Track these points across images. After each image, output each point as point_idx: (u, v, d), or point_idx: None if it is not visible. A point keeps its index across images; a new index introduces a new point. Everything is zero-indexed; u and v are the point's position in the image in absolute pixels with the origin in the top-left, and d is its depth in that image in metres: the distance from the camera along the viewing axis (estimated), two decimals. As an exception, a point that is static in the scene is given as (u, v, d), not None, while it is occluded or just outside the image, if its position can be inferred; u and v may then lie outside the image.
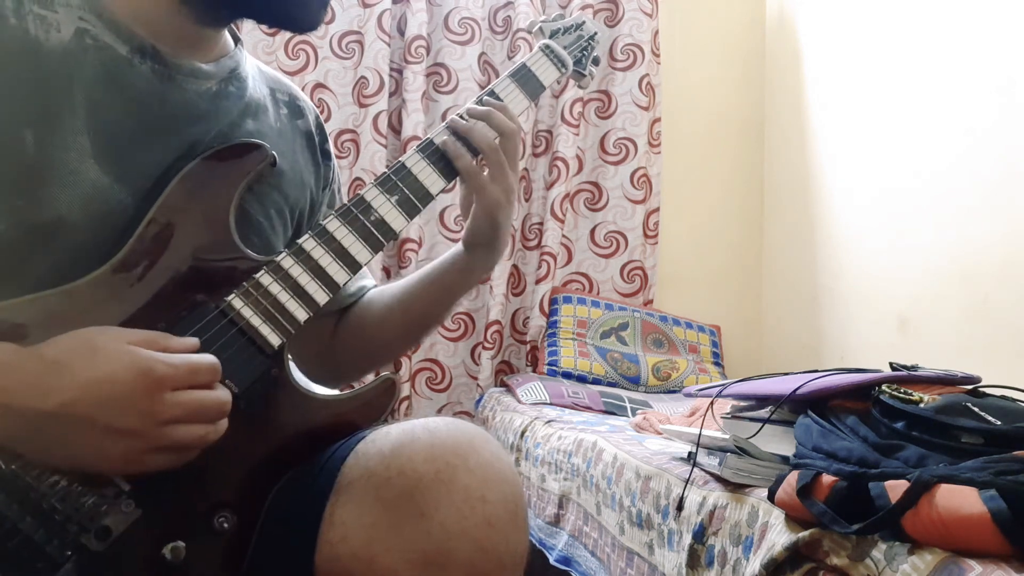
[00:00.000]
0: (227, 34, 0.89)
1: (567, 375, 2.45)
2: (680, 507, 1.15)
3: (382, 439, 0.76)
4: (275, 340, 0.76)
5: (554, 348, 2.52)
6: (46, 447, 0.63)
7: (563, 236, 2.68)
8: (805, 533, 0.89)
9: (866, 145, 2.36)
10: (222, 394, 0.69)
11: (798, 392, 1.03)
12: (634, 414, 2.01)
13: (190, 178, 0.77)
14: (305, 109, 0.97)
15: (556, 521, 1.67)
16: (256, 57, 0.92)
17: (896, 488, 0.80)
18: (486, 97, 0.94)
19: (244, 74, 0.88)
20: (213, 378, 0.68)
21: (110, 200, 0.73)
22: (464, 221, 0.94)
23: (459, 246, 0.96)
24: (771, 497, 0.96)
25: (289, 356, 0.81)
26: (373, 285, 1.04)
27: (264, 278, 0.78)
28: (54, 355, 0.63)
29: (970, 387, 1.02)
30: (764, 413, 1.13)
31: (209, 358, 0.69)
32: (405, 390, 2.49)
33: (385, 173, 0.88)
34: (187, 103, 0.80)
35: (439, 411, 2.56)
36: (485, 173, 0.90)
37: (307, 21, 0.83)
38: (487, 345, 2.54)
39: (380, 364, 1.07)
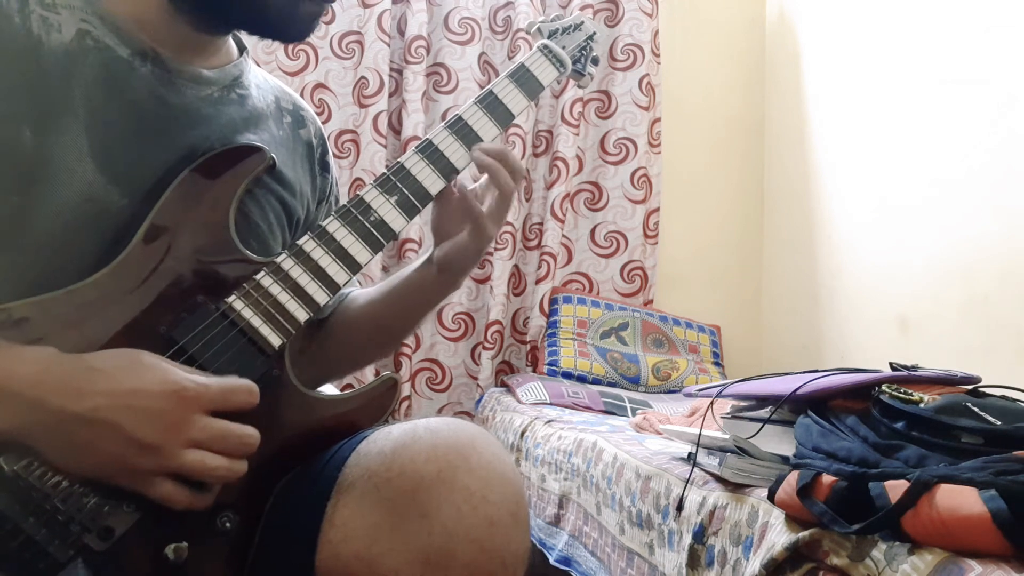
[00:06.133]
0: (232, 42, 0.89)
1: (567, 375, 2.45)
2: (680, 507, 1.16)
3: (383, 439, 0.76)
4: (276, 340, 0.77)
5: (554, 348, 2.52)
6: (69, 448, 0.64)
7: (563, 236, 2.68)
8: (805, 533, 0.89)
9: (866, 145, 2.36)
10: (249, 431, 0.69)
11: (798, 392, 1.03)
12: (634, 414, 2.01)
13: (190, 180, 0.77)
14: (308, 120, 0.97)
15: (556, 521, 1.67)
16: (255, 57, 0.93)
17: (896, 488, 0.80)
18: (489, 146, 0.91)
19: (248, 83, 0.89)
20: (248, 399, 0.69)
21: (105, 200, 0.74)
22: (438, 243, 0.93)
23: (430, 266, 0.94)
24: (771, 497, 0.96)
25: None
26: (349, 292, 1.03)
27: (264, 279, 0.78)
28: (95, 363, 0.65)
29: (970, 387, 1.02)
30: (764, 413, 1.13)
31: (246, 382, 0.70)
32: (405, 390, 2.49)
33: (384, 174, 0.88)
34: (187, 107, 0.80)
35: (439, 411, 2.57)
36: (485, 208, 0.90)
37: (295, 33, 0.83)
38: (487, 345, 2.54)
39: (349, 371, 1.06)
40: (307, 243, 0.81)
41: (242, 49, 0.90)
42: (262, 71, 0.96)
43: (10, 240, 0.70)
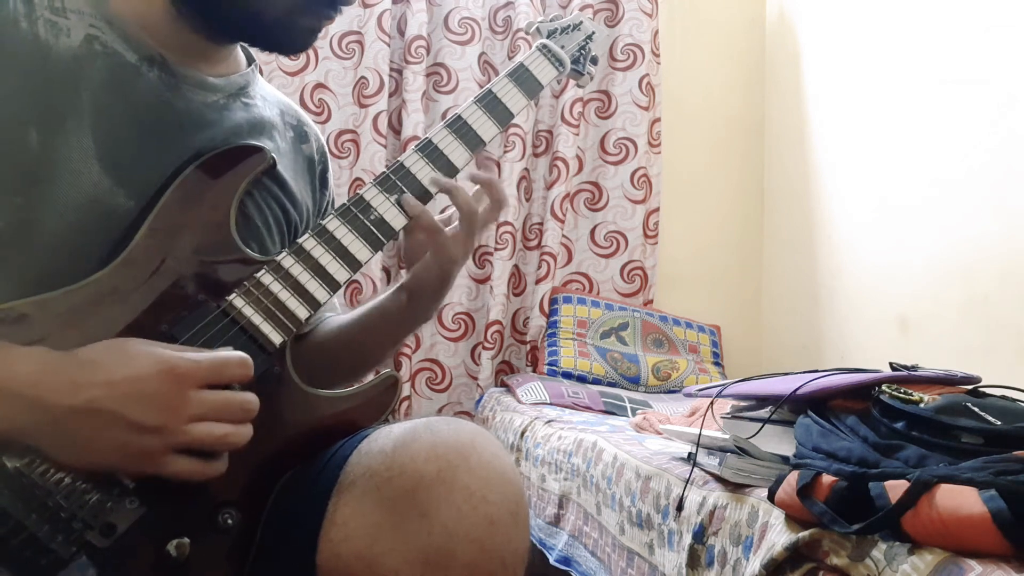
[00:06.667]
0: (240, 52, 0.89)
1: (567, 375, 2.45)
2: (680, 507, 1.16)
3: (384, 438, 0.76)
4: (276, 338, 0.77)
5: (554, 348, 2.52)
6: (71, 442, 0.64)
7: (563, 236, 2.68)
8: (805, 533, 0.89)
9: (866, 145, 2.36)
10: (248, 396, 0.69)
11: (798, 392, 1.03)
12: (634, 414, 2.01)
13: (191, 179, 0.78)
14: (311, 136, 0.97)
15: (556, 521, 1.67)
16: (255, 56, 0.93)
17: (896, 488, 0.80)
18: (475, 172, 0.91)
19: (253, 93, 0.89)
20: (241, 372, 0.69)
21: (110, 202, 0.74)
22: (407, 269, 0.92)
23: (400, 293, 0.93)
24: (771, 497, 0.96)
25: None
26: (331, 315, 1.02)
27: (265, 277, 0.78)
28: (87, 356, 0.66)
29: (970, 387, 1.02)
30: (764, 413, 1.13)
31: (237, 354, 0.70)
32: (405, 390, 2.49)
33: (384, 173, 0.88)
34: (192, 112, 0.81)
35: (439, 411, 2.57)
36: (448, 230, 0.88)
37: (292, 46, 0.84)
38: (487, 345, 2.54)
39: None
40: (307, 241, 0.81)
41: (251, 60, 0.91)
42: (270, 85, 0.96)
43: (16, 240, 0.71)
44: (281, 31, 0.81)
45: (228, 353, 0.70)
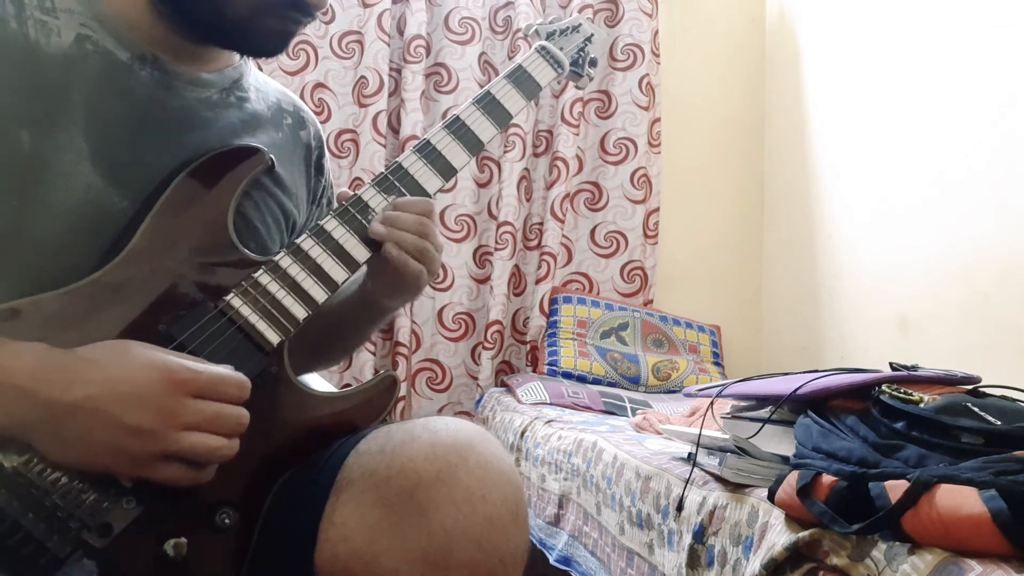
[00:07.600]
0: None
1: (567, 375, 2.44)
2: (680, 507, 1.15)
3: (383, 438, 0.76)
4: (274, 338, 0.77)
5: (554, 348, 2.51)
6: (64, 439, 0.64)
7: (563, 236, 2.68)
8: (805, 533, 0.89)
9: (866, 145, 2.36)
10: (241, 411, 0.69)
11: (798, 392, 1.03)
12: (634, 414, 2.01)
13: (189, 180, 0.77)
14: (308, 122, 0.97)
15: (556, 521, 1.67)
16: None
17: (896, 488, 0.80)
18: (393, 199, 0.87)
19: (247, 86, 0.89)
20: (238, 393, 0.69)
21: (105, 203, 0.74)
22: (371, 279, 0.92)
23: (371, 296, 0.93)
24: (771, 497, 0.96)
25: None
26: None
27: (263, 277, 0.78)
28: (87, 354, 0.66)
29: (970, 387, 1.02)
30: (764, 413, 1.13)
31: (238, 375, 0.70)
32: (404, 390, 2.49)
33: (382, 174, 0.88)
34: (186, 109, 0.81)
35: (439, 411, 2.56)
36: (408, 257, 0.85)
37: (262, 50, 0.83)
38: (487, 345, 2.54)
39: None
40: (305, 242, 0.81)
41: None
42: (263, 75, 0.96)
43: (11, 243, 0.70)
44: (245, 32, 0.80)
45: (228, 372, 0.70)
